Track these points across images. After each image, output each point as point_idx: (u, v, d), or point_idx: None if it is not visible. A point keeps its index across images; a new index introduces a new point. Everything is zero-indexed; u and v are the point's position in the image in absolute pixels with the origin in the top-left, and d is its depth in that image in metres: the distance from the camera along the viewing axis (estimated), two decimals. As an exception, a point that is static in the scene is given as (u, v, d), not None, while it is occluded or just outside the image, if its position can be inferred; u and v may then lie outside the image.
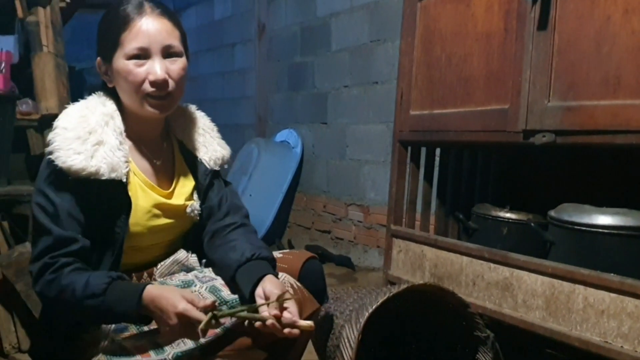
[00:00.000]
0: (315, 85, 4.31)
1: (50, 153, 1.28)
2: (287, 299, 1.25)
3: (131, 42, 1.31)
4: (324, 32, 4.17)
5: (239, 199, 1.57)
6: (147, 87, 1.33)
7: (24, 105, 2.80)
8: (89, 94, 1.46)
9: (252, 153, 4.39)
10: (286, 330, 1.22)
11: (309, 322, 1.25)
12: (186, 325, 1.18)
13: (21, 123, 2.78)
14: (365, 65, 3.78)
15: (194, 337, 1.23)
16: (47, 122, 2.87)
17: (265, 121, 4.96)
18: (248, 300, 1.31)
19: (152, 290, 1.23)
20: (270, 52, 4.83)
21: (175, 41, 1.36)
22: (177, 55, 1.36)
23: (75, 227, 1.27)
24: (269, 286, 1.29)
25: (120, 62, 1.32)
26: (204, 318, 1.17)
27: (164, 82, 1.33)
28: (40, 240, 1.26)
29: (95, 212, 1.31)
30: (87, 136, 1.29)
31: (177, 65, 1.36)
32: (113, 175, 1.29)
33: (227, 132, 5.79)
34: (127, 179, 1.33)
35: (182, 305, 1.18)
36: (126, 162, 1.33)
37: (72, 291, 1.21)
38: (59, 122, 1.33)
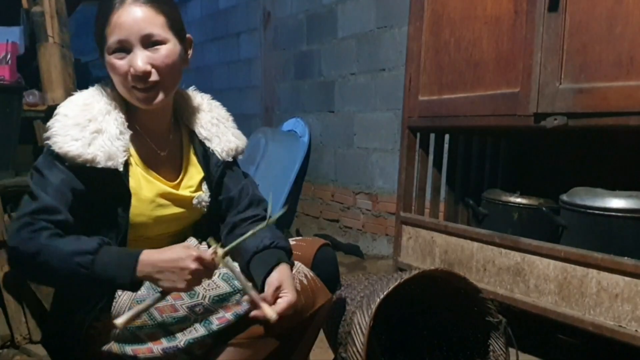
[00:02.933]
0: (321, 74, 4.29)
1: (48, 138, 1.26)
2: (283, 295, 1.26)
3: (111, 35, 1.28)
4: (330, 20, 4.14)
5: (259, 191, 1.56)
6: (130, 79, 1.31)
7: (30, 97, 2.80)
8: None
9: (259, 143, 4.37)
10: (252, 313, 1.23)
11: (269, 311, 1.23)
12: (193, 270, 1.17)
13: (28, 114, 2.78)
14: (372, 52, 3.76)
15: (208, 274, 1.21)
16: (53, 113, 2.87)
17: (272, 110, 4.94)
18: (261, 287, 1.30)
19: (149, 251, 1.21)
20: (276, 40, 4.81)
21: (156, 29, 1.30)
22: (160, 43, 1.31)
23: (61, 202, 1.24)
24: (276, 275, 1.28)
25: (107, 56, 1.31)
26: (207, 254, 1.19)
27: (145, 74, 1.29)
28: (26, 204, 1.23)
29: (95, 200, 1.29)
30: (87, 124, 1.28)
31: (160, 53, 1.31)
32: (109, 163, 1.27)
33: (234, 121, 5.73)
34: (125, 168, 1.32)
35: (178, 248, 1.20)
36: (125, 151, 1.32)
37: (56, 248, 1.17)
38: (60, 109, 1.31)
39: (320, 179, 4.38)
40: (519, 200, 2.17)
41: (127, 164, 1.32)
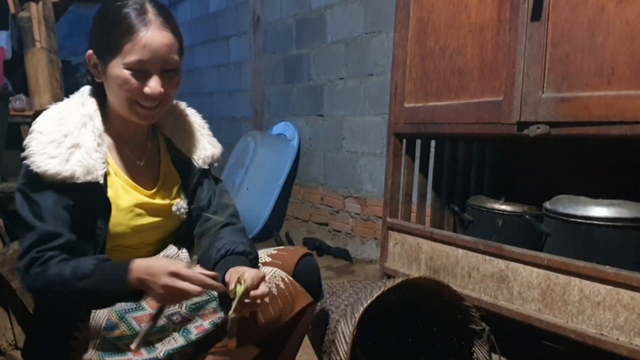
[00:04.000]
0: (311, 78, 4.29)
1: (26, 158, 1.26)
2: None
3: (133, 53, 1.27)
4: (319, 24, 4.15)
5: (228, 197, 1.55)
6: (139, 97, 1.31)
7: (17, 102, 2.79)
8: (80, 86, 1.44)
9: (248, 146, 4.37)
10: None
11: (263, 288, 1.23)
12: (175, 284, 1.18)
13: (15, 119, 2.77)
14: (361, 56, 3.77)
15: (188, 294, 1.21)
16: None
17: (262, 114, 4.94)
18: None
19: (139, 261, 1.24)
20: (266, 44, 4.81)
21: (175, 55, 1.33)
22: (175, 70, 1.34)
23: (59, 223, 1.25)
24: (230, 275, 1.28)
25: (117, 68, 1.29)
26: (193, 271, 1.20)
27: (159, 96, 1.32)
28: (26, 237, 1.25)
29: (75, 213, 1.29)
30: (63, 139, 1.27)
31: (174, 79, 1.35)
32: (89, 178, 1.27)
33: (223, 125, 5.76)
34: (105, 180, 1.32)
35: (173, 265, 1.20)
36: (103, 163, 1.32)
37: (61, 278, 1.21)
38: (35, 126, 1.30)
39: (309, 183, 4.38)
40: (503, 207, 2.18)
41: (105, 175, 1.33)
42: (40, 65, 2.84)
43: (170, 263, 1.22)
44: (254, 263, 1.38)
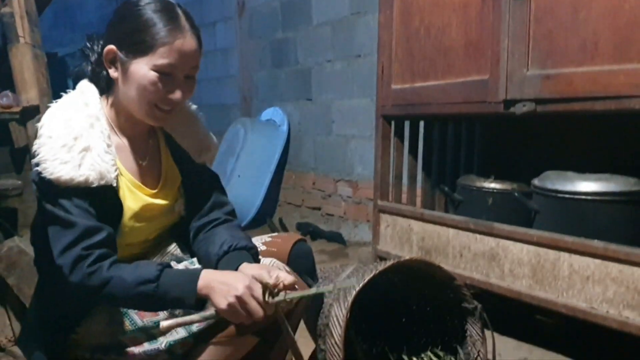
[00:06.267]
0: (298, 61, 4.27)
1: (37, 165, 1.24)
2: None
3: (166, 57, 1.26)
4: (305, 6, 4.12)
5: (224, 194, 1.55)
6: (161, 101, 1.31)
7: (4, 99, 2.78)
8: (74, 80, 1.42)
9: (238, 133, 4.36)
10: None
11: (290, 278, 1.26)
12: (248, 300, 1.19)
13: (3, 116, 2.76)
14: (348, 38, 3.75)
15: (256, 314, 1.21)
16: (28, 114, 2.85)
17: (250, 100, 4.93)
18: None
19: (210, 271, 1.25)
20: (252, 29, 4.78)
21: (199, 62, 1.34)
22: (195, 75, 1.35)
23: (94, 218, 1.25)
24: (246, 271, 1.29)
25: (144, 68, 1.27)
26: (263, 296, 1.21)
27: (180, 102, 1.32)
28: (65, 234, 1.23)
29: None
30: (73, 142, 1.25)
31: (193, 85, 1.35)
32: (102, 182, 1.26)
33: (212, 112, 5.71)
34: (116, 182, 1.32)
35: (248, 279, 1.21)
36: (114, 165, 1.31)
37: (121, 281, 1.20)
38: (42, 130, 1.27)
39: (300, 168, 4.39)
40: (492, 185, 2.19)
41: (117, 177, 1.32)
42: (25, 61, 2.83)
43: (244, 274, 1.23)
44: (255, 258, 1.39)
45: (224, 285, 1.20)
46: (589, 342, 2.01)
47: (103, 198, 1.29)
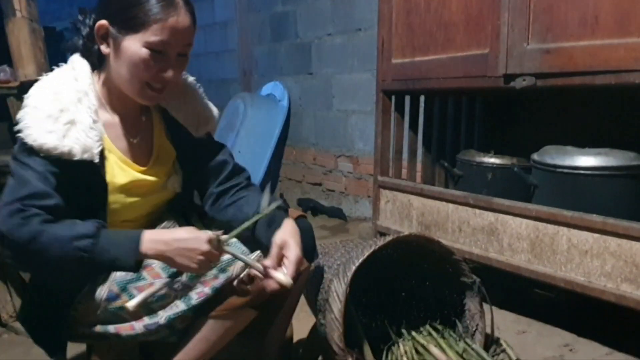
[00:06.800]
0: (298, 35, 4.24)
1: (20, 131, 1.23)
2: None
3: (159, 34, 1.25)
4: (304, -20, 4.08)
5: (234, 160, 1.56)
6: (152, 79, 1.30)
7: (1, 74, 2.76)
8: (71, 54, 1.41)
9: (238, 109, 4.35)
10: (267, 285, 1.26)
11: (283, 279, 1.26)
12: (192, 250, 1.21)
13: (0, 92, 2.75)
14: (348, 11, 3.72)
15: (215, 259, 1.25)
16: (26, 89, 2.81)
17: (250, 74, 4.90)
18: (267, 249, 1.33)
19: (152, 231, 1.25)
20: (251, 2, 4.73)
21: (192, 41, 1.33)
22: (187, 54, 1.34)
23: (48, 185, 1.22)
24: (280, 234, 1.31)
25: (136, 45, 1.26)
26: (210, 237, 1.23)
27: (172, 80, 1.31)
28: (13, 190, 1.20)
29: (71, 189, 1.28)
30: (59, 114, 1.25)
31: (185, 63, 1.34)
32: (85, 155, 1.26)
33: (212, 87, 5.66)
34: (100, 157, 1.31)
35: (186, 230, 1.23)
36: (98, 141, 1.31)
37: (53, 233, 1.17)
38: (28, 100, 1.27)
39: (301, 143, 4.38)
40: (492, 160, 2.19)
41: (102, 153, 1.32)
42: (22, 35, 2.80)
43: (192, 230, 1.24)
44: (286, 214, 1.42)
45: (175, 242, 1.21)
46: (587, 315, 2.03)
47: (86, 174, 1.28)
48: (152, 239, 1.22)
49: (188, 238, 1.22)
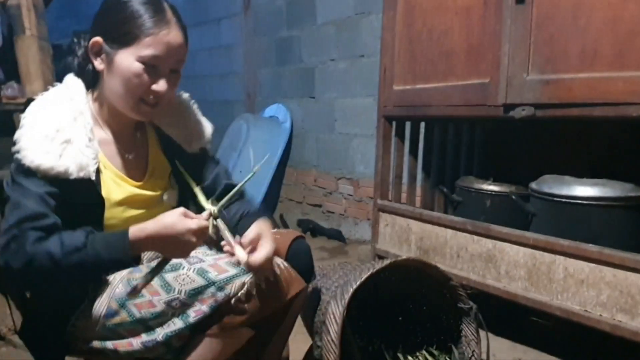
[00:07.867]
0: (302, 60, 4.30)
1: (18, 152, 1.25)
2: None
3: (151, 48, 1.28)
4: (309, 6, 4.14)
5: (231, 177, 1.58)
6: (145, 93, 1.32)
7: (9, 90, 2.79)
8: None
9: (241, 129, 4.38)
10: (226, 247, 1.27)
11: (242, 255, 1.26)
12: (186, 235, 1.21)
13: (7, 107, 2.78)
14: (351, 38, 3.77)
15: (203, 236, 1.24)
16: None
17: (254, 97, 4.95)
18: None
19: (137, 226, 1.24)
20: (257, 26, 4.80)
21: (185, 57, 1.37)
22: (179, 71, 1.37)
23: (44, 206, 1.24)
24: (254, 228, 1.32)
25: (129, 59, 1.29)
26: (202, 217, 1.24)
27: (164, 94, 1.34)
28: (11, 215, 1.22)
29: (68, 207, 1.30)
30: (55, 134, 1.27)
31: (178, 79, 1.37)
32: (81, 174, 1.27)
33: (216, 108, 5.70)
34: (97, 175, 1.34)
35: (177, 214, 1.22)
36: (94, 159, 1.33)
37: (48, 254, 1.18)
38: (25, 121, 1.28)
39: (302, 165, 4.41)
40: (490, 187, 2.21)
41: (97, 170, 1.34)
42: (31, 53, 2.84)
43: (169, 214, 1.24)
44: (271, 222, 1.43)
45: (163, 230, 1.21)
46: (582, 344, 2.03)
47: (82, 192, 1.30)
48: (138, 234, 1.23)
49: (170, 225, 1.22)
